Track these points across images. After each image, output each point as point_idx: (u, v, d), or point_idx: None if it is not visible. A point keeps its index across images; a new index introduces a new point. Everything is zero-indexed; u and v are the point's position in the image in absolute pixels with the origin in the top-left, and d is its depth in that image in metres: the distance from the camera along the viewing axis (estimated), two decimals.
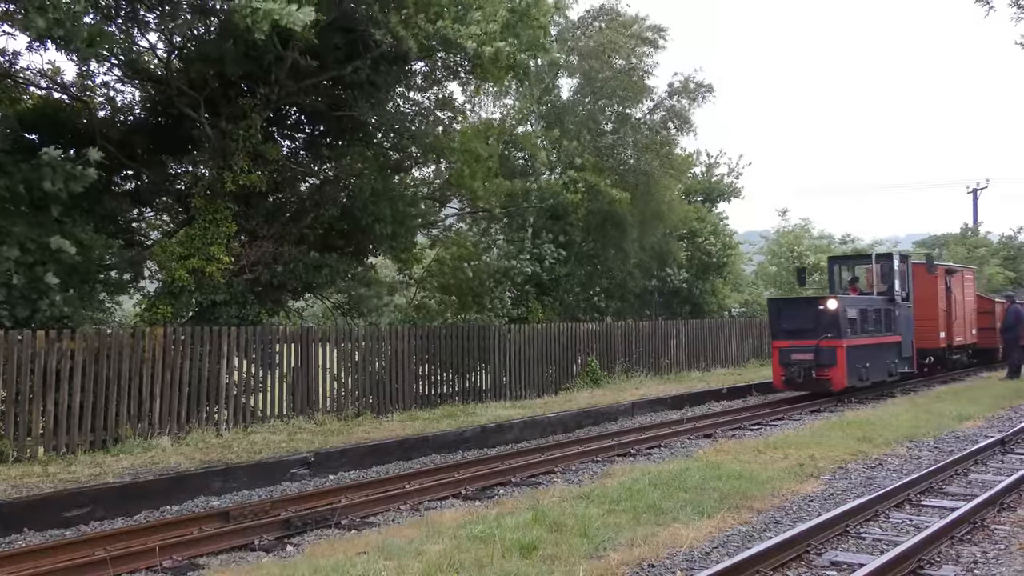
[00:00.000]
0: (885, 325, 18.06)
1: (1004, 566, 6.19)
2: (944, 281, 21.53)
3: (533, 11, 14.03)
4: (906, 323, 18.95)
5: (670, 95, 23.37)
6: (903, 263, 19.43)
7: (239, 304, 13.59)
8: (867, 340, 17.24)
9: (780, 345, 17.03)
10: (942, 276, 21.54)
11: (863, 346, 17.05)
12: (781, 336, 17.10)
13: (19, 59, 13.63)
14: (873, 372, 17.39)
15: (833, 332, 16.31)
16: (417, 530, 7.21)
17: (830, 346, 16.32)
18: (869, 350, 17.28)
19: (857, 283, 19.54)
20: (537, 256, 19.70)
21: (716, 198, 30.76)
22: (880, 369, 17.76)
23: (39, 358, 10.34)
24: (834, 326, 16.34)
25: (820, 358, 16.37)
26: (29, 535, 7.96)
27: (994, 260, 40.49)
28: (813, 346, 16.37)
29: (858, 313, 17.09)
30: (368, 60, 13.92)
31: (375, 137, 16.85)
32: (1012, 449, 11.17)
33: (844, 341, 16.34)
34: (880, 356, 17.77)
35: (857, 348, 16.81)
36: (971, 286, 23.97)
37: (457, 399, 16.03)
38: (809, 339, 16.43)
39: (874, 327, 17.65)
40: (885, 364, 17.99)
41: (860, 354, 16.92)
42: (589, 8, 22.44)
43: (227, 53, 12.49)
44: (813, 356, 16.41)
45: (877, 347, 17.64)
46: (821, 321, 16.45)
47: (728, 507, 7.79)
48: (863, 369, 17.00)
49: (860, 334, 17.00)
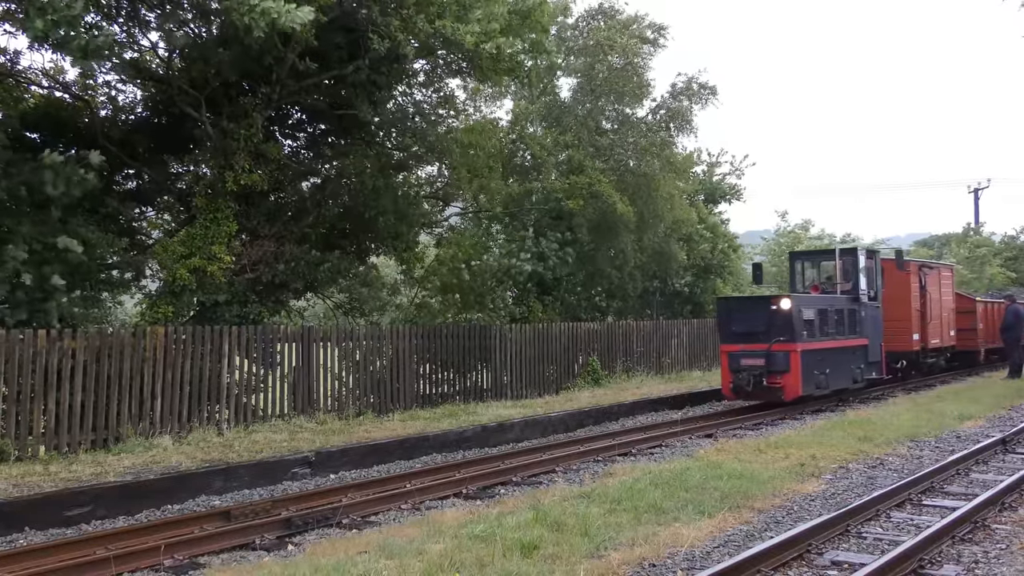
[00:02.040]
0: (849, 327, 16.73)
1: (1005, 566, 6.19)
2: (918, 279, 20.27)
3: (535, 13, 14.04)
4: (873, 324, 17.57)
5: (673, 96, 23.34)
6: (870, 259, 18.08)
7: (240, 303, 13.60)
8: (827, 343, 15.88)
9: (729, 349, 15.66)
10: (915, 273, 20.25)
11: (822, 350, 15.69)
12: (730, 339, 15.76)
13: (20, 58, 13.69)
14: (834, 379, 15.99)
15: (786, 335, 14.92)
16: (418, 529, 7.21)
17: (783, 350, 14.92)
18: (829, 354, 15.92)
19: (821, 281, 18.26)
20: (539, 255, 19.69)
21: (717, 199, 30.75)
22: (842, 375, 16.39)
23: (40, 357, 10.34)
24: (787, 328, 14.93)
25: (772, 363, 14.95)
26: (30, 534, 7.96)
27: (996, 260, 40.48)
28: (764, 350, 14.99)
29: (816, 314, 15.72)
30: (368, 59, 13.92)
31: (377, 136, 16.85)
32: (1013, 449, 11.16)
33: (799, 345, 14.97)
34: (842, 361, 16.39)
35: (814, 352, 15.45)
36: (949, 284, 22.63)
37: (458, 398, 16.03)
38: (760, 343, 15.07)
39: (835, 329, 16.29)
40: (848, 370, 16.63)
41: (818, 359, 15.55)
42: (588, 7, 22.39)
43: (228, 53, 12.49)
44: (764, 361, 14.99)
45: (839, 351, 16.28)
46: (773, 323, 15.04)
47: (729, 507, 7.79)
48: (821, 376, 15.61)
49: (818, 337, 15.67)
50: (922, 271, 20.50)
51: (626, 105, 22.49)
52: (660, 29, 22.48)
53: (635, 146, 21.58)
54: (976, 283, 35.86)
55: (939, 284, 21.40)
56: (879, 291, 18.06)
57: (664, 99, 23.40)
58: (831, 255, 18.39)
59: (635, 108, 22.89)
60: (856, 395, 17.37)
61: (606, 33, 21.30)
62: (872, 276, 17.92)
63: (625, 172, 21.30)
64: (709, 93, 23.34)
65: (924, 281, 20.33)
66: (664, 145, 22.60)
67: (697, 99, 23.25)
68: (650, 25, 22.40)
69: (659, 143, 22.27)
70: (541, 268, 19.70)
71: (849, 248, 18.52)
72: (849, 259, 17.63)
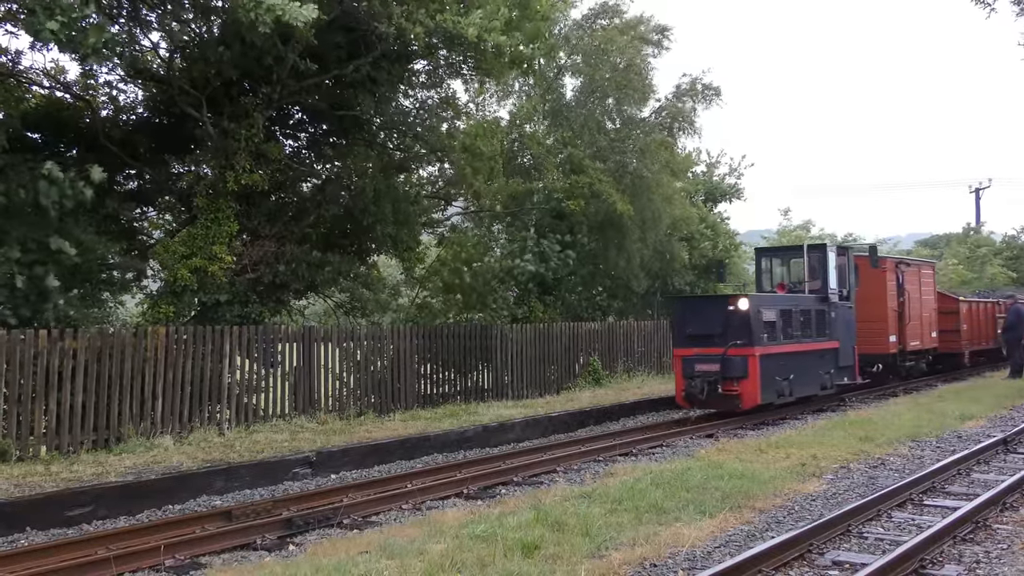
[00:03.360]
0: (817, 329, 15.57)
1: (1007, 565, 6.18)
2: (895, 277, 19.09)
3: (533, 3, 14.04)
4: (845, 326, 16.47)
5: (677, 96, 23.32)
6: (842, 256, 16.97)
7: (241, 303, 13.61)
8: (790, 347, 14.75)
9: (683, 353, 14.50)
10: (892, 271, 19.08)
11: (784, 354, 14.56)
12: (684, 343, 14.61)
13: (22, 58, 13.69)
14: (799, 385, 14.93)
15: (744, 338, 13.79)
16: (419, 529, 7.21)
17: (740, 355, 13.80)
18: (793, 359, 14.77)
19: (789, 280, 17.06)
20: (541, 255, 19.70)
21: (718, 198, 30.74)
22: (809, 381, 15.33)
23: (41, 357, 10.35)
24: (745, 330, 13.78)
25: (727, 369, 13.81)
26: (32, 534, 7.97)
27: (997, 260, 40.46)
28: (719, 355, 13.87)
29: (778, 315, 14.62)
30: (370, 59, 13.93)
31: (378, 136, 16.86)
32: (1015, 449, 11.15)
33: (757, 348, 13.84)
34: (809, 366, 15.26)
35: (775, 357, 14.30)
36: (930, 282, 21.37)
37: (459, 398, 16.03)
38: (716, 346, 13.94)
39: (802, 331, 15.18)
40: (816, 375, 15.52)
41: (780, 364, 14.41)
42: (592, 6, 22.36)
43: (229, 52, 12.49)
44: (719, 367, 13.85)
45: (805, 355, 15.14)
46: (730, 324, 13.90)
47: (730, 507, 7.79)
48: (784, 382, 14.53)
49: (781, 340, 14.57)
50: (899, 268, 19.43)
51: (629, 106, 22.48)
52: (664, 31, 22.49)
53: (636, 146, 21.57)
54: (977, 283, 35.84)
55: (919, 283, 20.34)
56: (852, 290, 17.06)
57: (668, 100, 23.40)
58: (799, 252, 17.00)
59: (639, 109, 22.89)
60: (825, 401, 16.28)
61: (611, 34, 21.30)
62: (844, 274, 16.89)
63: (625, 173, 21.30)
64: (713, 94, 23.35)
65: (902, 279, 19.28)
66: (665, 145, 22.60)
67: (701, 99, 23.25)
68: (655, 27, 22.41)
69: (661, 143, 22.27)
70: (543, 268, 19.71)
71: (818, 244, 17.14)
72: (818, 256, 16.33)
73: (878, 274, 18.34)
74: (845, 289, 16.80)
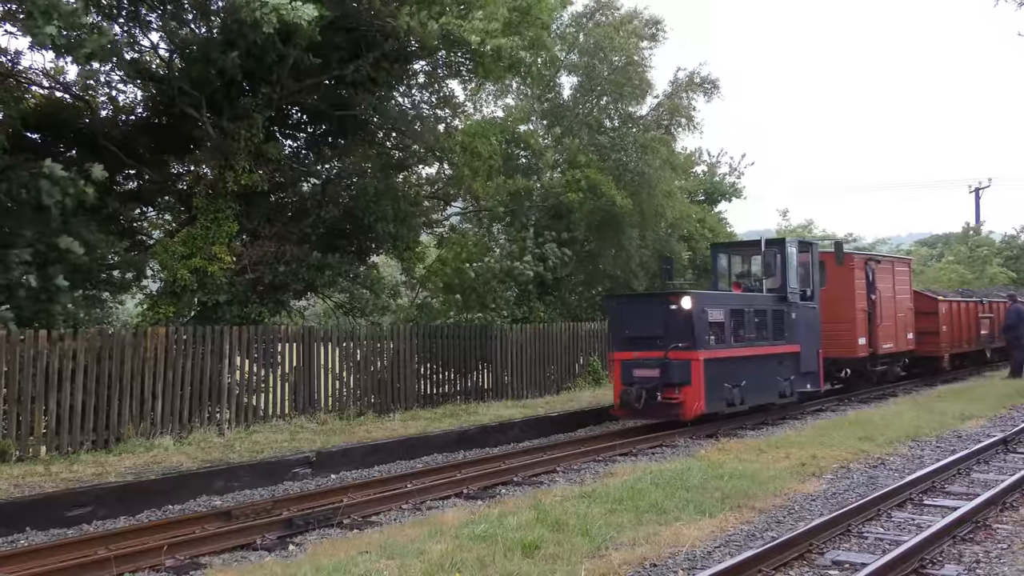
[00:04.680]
0: (774, 331, 14.30)
1: (1007, 565, 6.18)
2: (865, 275, 17.76)
3: (535, 9, 14.05)
4: (807, 328, 15.15)
5: (675, 91, 23.30)
6: (804, 252, 15.70)
7: (241, 304, 13.61)
8: (742, 351, 13.53)
9: (622, 357, 13.18)
10: (861, 268, 17.70)
11: (735, 359, 13.35)
12: (623, 345, 13.30)
13: (21, 59, 13.66)
14: (752, 392, 13.65)
15: (686, 340, 12.54)
16: (419, 529, 7.21)
17: (681, 359, 12.52)
18: (745, 364, 13.55)
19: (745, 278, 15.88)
20: (540, 256, 19.70)
21: (718, 198, 30.74)
22: (764, 388, 14.04)
23: (41, 358, 10.34)
24: (687, 332, 12.56)
25: (667, 375, 12.53)
26: (32, 534, 7.97)
27: (997, 260, 40.45)
28: (659, 359, 12.63)
29: (727, 315, 13.38)
30: (370, 59, 13.93)
31: (377, 136, 16.88)
32: (1015, 448, 11.15)
33: (701, 352, 12.61)
34: (764, 371, 14.01)
35: (723, 362, 13.12)
36: (906, 280, 20.03)
37: (459, 398, 16.03)
38: (656, 350, 12.70)
39: (756, 333, 13.91)
40: (773, 382, 14.25)
41: (729, 369, 13.20)
42: (587, 3, 22.35)
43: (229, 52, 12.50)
44: (659, 372, 12.61)
45: (759, 360, 13.89)
46: (671, 325, 12.66)
47: (730, 506, 7.79)
48: (734, 389, 13.25)
49: (731, 343, 13.40)
50: (869, 266, 18.09)
51: (627, 103, 22.49)
52: (656, 23, 22.45)
53: (635, 143, 21.56)
54: (977, 283, 35.83)
55: (893, 281, 19.05)
56: (816, 289, 15.68)
57: (666, 95, 23.38)
58: (757, 247, 15.55)
59: (637, 107, 22.90)
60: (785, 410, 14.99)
61: (607, 31, 21.30)
62: (808, 272, 15.62)
63: (626, 170, 21.31)
64: (711, 87, 23.33)
65: (872, 277, 17.96)
66: (664, 142, 22.60)
67: (700, 91, 23.22)
68: (647, 21, 22.39)
69: (660, 140, 22.26)
70: (541, 268, 19.71)
71: (776, 239, 15.94)
72: (776, 252, 14.88)
73: (845, 272, 17.14)
74: (808, 288, 15.53)
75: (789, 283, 14.81)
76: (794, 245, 15.37)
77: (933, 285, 30.51)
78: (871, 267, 18.10)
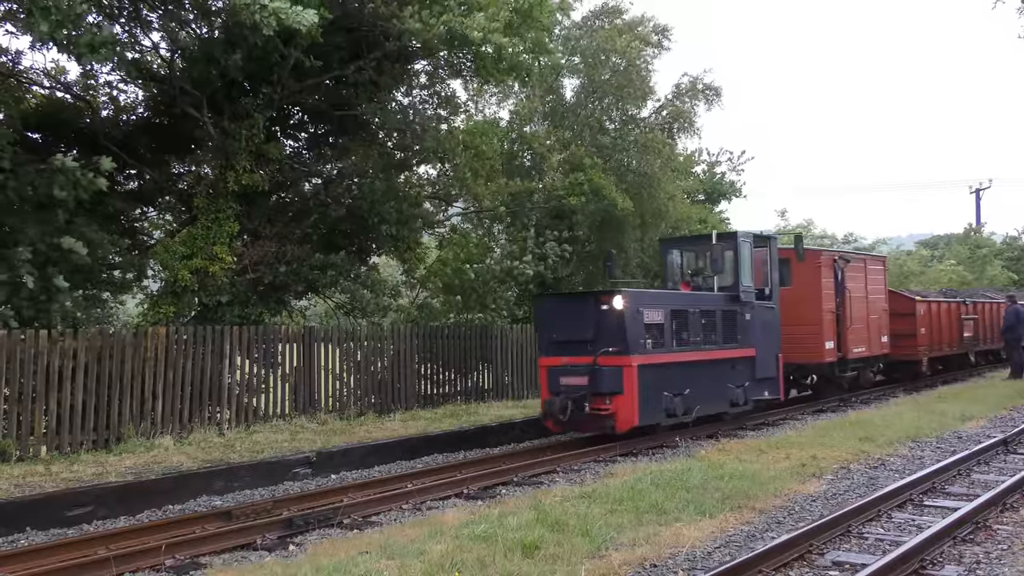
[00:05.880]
0: (724, 334, 13.21)
1: (1007, 566, 6.18)
2: (832, 273, 16.60)
3: (536, 12, 14.05)
4: (764, 330, 14.00)
5: (677, 96, 23.31)
6: (761, 247, 14.47)
7: (242, 304, 13.61)
8: (686, 355, 12.40)
9: (550, 363, 12.05)
10: (828, 266, 16.54)
11: (676, 364, 12.21)
12: (551, 350, 12.16)
13: (22, 58, 13.70)
14: (698, 402, 12.54)
15: (618, 344, 11.39)
16: (419, 530, 7.21)
17: (612, 365, 11.37)
18: (690, 370, 12.41)
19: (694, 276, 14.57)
20: (540, 255, 19.69)
21: (718, 197, 30.73)
22: (713, 397, 12.94)
23: (42, 358, 10.35)
24: (619, 335, 11.40)
25: (597, 383, 11.38)
26: (32, 534, 7.98)
27: (997, 261, 40.46)
28: (587, 365, 11.49)
29: (668, 316, 12.22)
30: (371, 60, 13.93)
31: (378, 136, 16.87)
32: (1015, 449, 11.15)
33: (635, 357, 11.44)
34: (713, 378, 12.89)
35: (663, 368, 11.96)
36: (880, 280, 18.75)
37: (459, 399, 16.03)
38: (586, 355, 11.55)
39: (703, 337, 12.80)
40: (723, 389, 13.14)
41: (669, 376, 12.04)
42: (592, 8, 22.38)
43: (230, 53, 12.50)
44: (587, 380, 11.47)
45: (707, 365, 12.77)
46: (602, 328, 11.53)
47: (730, 507, 7.79)
48: (676, 399, 12.14)
49: (672, 347, 12.23)
50: (838, 263, 16.83)
51: (629, 105, 22.48)
52: (664, 31, 22.48)
53: (637, 144, 21.55)
54: (977, 284, 35.84)
55: (865, 280, 17.85)
56: (775, 288, 14.60)
57: (668, 99, 23.39)
58: (707, 242, 14.27)
59: (638, 109, 22.89)
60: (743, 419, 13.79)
61: (609, 35, 21.29)
62: (766, 269, 14.56)
63: (626, 171, 21.30)
64: (714, 95, 23.33)
65: (841, 276, 16.75)
66: (665, 145, 22.60)
67: (702, 98, 23.23)
68: (655, 28, 22.41)
69: (662, 143, 22.26)
70: (542, 268, 19.70)
71: (727, 233, 14.60)
72: (727, 247, 13.73)
73: (811, 270, 16.01)
74: (766, 287, 14.45)
75: (742, 281, 13.66)
76: (748, 239, 14.03)
77: (934, 286, 30.43)
78: (840, 265, 16.87)
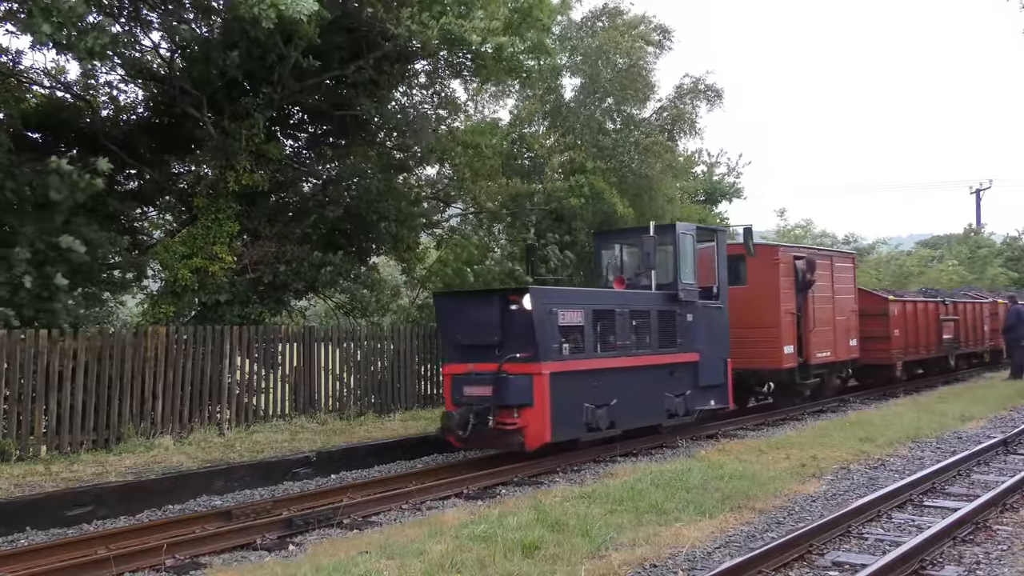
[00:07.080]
0: (660, 337, 11.88)
1: (1007, 567, 6.18)
2: (793, 271, 15.17)
3: (535, 11, 14.05)
4: (710, 332, 12.68)
5: (679, 96, 23.29)
6: (707, 240, 13.36)
7: (242, 304, 13.61)
8: (611, 361, 11.03)
9: (452, 371, 10.76)
10: (788, 264, 15.11)
11: (600, 372, 10.84)
12: (455, 356, 10.83)
13: (22, 58, 13.68)
14: (627, 413, 11.23)
15: (528, 349, 10.04)
16: (419, 529, 7.21)
17: (521, 373, 10.01)
18: (617, 378, 11.04)
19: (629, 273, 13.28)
20: (542, 257, 19.68)
21: (718, 198, 30.74)
22: (646, 407, 11.63)
23: (42, 357, 10.34)
24: (528, 338, 10.02)
25: (502, 394, 10.00)
26: (32, 534, 7.98)
27: (998, 261, 40.46)
28: (493, 374, 10.11)
29: (588, 317, 10.83)
30: (371, 60, 13.92)
31: (378, 136, 16.87)
32: (1015, 450, 11.15)
33: (548, 364, 10.05)
34: (646, 387, 11.58)
35: (582, 376, 10.57)
36: (849, 278, 17.52)
37: None
38: (491, 362, 10.19)
39: (634, 340, 11.48)
40: (658, 399, 11.83)
41: (590, 385, 10.67)
42: (592, 8, 22.37)
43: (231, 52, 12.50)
44: (492, 390, 10.07)
45: (639, 372, 11.41)
46: (510, 331, 10.21)
47: (730, 507, 7.79)
48: (599, 410, 10.76)
49: (595, 352, 10.93)
50: (798, 261, 15.45)
51: (630, 106, 22.47)
52: (665, 32, 22.45)
53: (637, 146, 21.54)
54: (977, 284, 35.83)
55: (831, 279, 16.59)
56: (723, 286, 13.30)
57: (669, 100, 23.37)
58: (643, 235, 12.38)
59: (639, 109, 22.87)
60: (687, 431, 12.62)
61: (611, 35, 21.28)
62: (712, 265, 13.33)
63: (627, 173, 21.28)
64: (715, 95, 23.32)
65: (804, 275, 15.37)
66: (666, 147, 22.58)
67: (703, 98, 23.21)
68: (656, 28, 22.38)
69: (662, 144, 22.25)
70: (543, 270, 19.68)
71: (665, 225, 13.25)
72: (664, 240, 12.45)
73: (768, 267, 14.60)
74: (714, 285, 13.22)
75: (682, 278, 12.29)
76: (690, 232, 12.73)
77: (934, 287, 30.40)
78: (800, 263, 15.48)
